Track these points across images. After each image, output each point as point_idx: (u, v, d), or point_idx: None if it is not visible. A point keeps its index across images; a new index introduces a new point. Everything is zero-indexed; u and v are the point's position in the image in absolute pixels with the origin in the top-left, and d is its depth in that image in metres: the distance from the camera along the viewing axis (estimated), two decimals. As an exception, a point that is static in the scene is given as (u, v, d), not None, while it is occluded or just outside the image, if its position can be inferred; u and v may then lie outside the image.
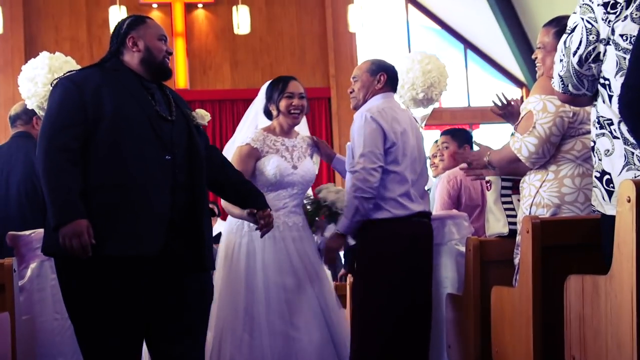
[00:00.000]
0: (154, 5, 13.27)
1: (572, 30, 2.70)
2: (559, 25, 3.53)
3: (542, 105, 3.44)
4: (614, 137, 2.60)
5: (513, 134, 3.60)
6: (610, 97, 2.62)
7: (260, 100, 4.36)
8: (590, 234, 2.89)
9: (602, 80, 2.67)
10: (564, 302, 2.72)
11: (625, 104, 2.47)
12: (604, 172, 2.65)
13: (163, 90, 3.40)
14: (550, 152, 3.43)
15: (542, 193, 3.42)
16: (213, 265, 3.43)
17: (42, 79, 4.76)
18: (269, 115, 4.29)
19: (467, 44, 14.77)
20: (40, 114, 4.56)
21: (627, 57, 2.54)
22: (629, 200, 2.33)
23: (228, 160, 3.77)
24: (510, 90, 14.37)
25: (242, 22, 12.36)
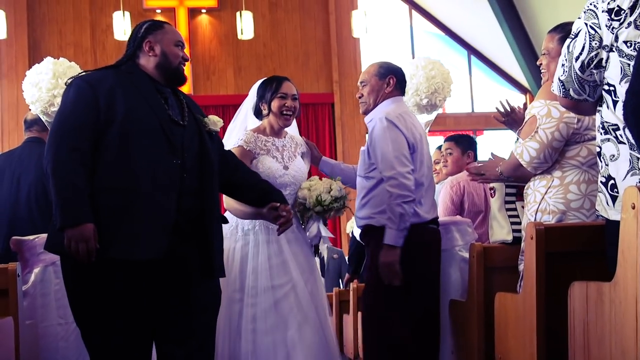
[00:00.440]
0: (158, 11, 13.32)
1: (576, 35, 2.70)
2: (563, 31, 3.54)
3: (546, 111, 3.43)
4: (620, 142, 2.60)
5: (517, 139, 3.60)
6: (615, 102, 2.62)
7: (251, 99, 4.29)
8: (595, 241, 2.89)
9: (606, 87, 2.67)
10: (568, 308, 2.71)
11: (631, 111, 2.46)
12: (609, 177, 2.65)
13: (177, 95, 3.41)
14: (552, 158, 3.42)
15: (547, 199, 3.42)
16: (223, 272, 3.41)
17: (46, 84, 4.77)
18: (258, 114, 4.22)
19: (471, 50, 14.80)
20: (44, 119, 4.58)
21: (631, 63, 2.54)
22: (633, 207, 2.32)
23: (243, 162, 3.76)
24: (514, 96, 14.38)
25: (245, 27, 12.38)
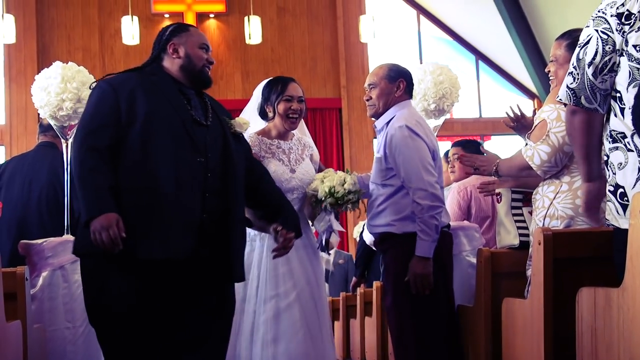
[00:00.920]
0: (166, 15, 13.35)
1: (587, 43, 2.68)
2: (570, 37, 3.54)
3: (556, 114, 3.43)
4: (628, 150, 2.59)
5: (527, 144, 3.59)
6: (622, 109, 2.61)
7: (256, 99, 4.21)
8: (603, 246, 2.88)
9: (613, 93, 2.66)
10: (575, 314, 2.70)
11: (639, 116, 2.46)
12: (618, 186, 2.63)
13: (201, 97, 3.41)
14: (562, 162, 3.41)
15: (555, 204, 3.41)
16: (243, 277, 3.38)
17: (54, 89, 4.77)
18: (264, 115, 4.13)
19: (479, 55, 14.79)
20: (53, 123, 4.58)
21: (640, 67, 2.54)
22: (642, 213, 2.32)
23: (268, 174, 3.70)
24: (522, 102, 14.36)
25: (253, 32, 12.41)
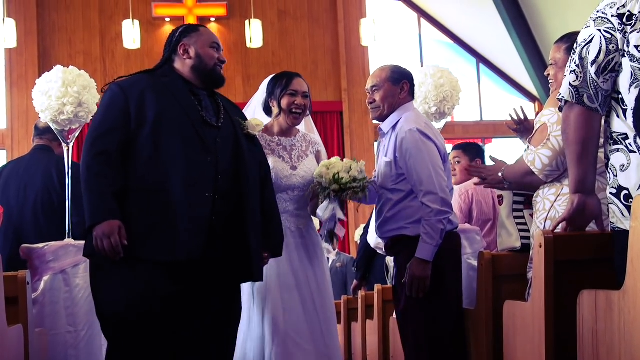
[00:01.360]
0: (167, 19, 13.36)
1: (589, 42, 2.67)
2: (570, 41, 3.53)
3: (557, 118, 3.42)
4: (630, 151, 2.58)
5: (527, 148, 3.59)
6: (624, 111, 2.61)
7: (260, 95, 4.16)
8: (604, 249, 2.88)
9: (614, 95, 2.66)
10: (576, 317, 2.70)
11: None
12: (621, 188, 2.62)
13: (214, 98, 3.42)
14: (564, 165, 3.40)
15: (557, 207, 3.40)
16: (261, 276, 3.39)
17: (55, 93, 4.76)
18: (268, 111, 4.08)
19: (480, 58, 14.79)
20: (54, 127, 4.58)
21: (642, 68, 2.54)
22: (642, 216, 2.32)
23: (272, 185, 3.66)
24: (523, 105, 14.35)
25: (254, 36, 12.43)
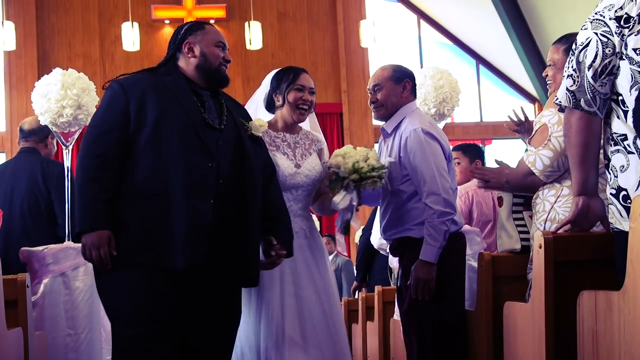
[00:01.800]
0: (167, 22, 13.37)
1: (586, 45, 2.67)
2: (568, 42, 3.53)
3: (557, 119, 3.42)
4: (629, 152, 2.58)
5: (527, 149, 3.58)
6: (625, 112, 2.61)
7: (263, 89, 4.04)
8: (603, 249, 2.88)
9: (614, 97, 2.65)
10: (576, 317, 2.70)
11: None
12: (620, 188, 2.62)
13: (217, 98, 3.35)
14: (565, 166, 3.40)
15: (556, 208, 3.40)
16: (257, 281, 3.35)
17: (55, 95, 4.75)
18: (270, 106, 3.95)
19: (480, 59, 14.80)
20: (53, 129, 4.58)
21: (641, 70, 2.54)
22: (642, 216, 2.32)
23: (277, 181, 3.58)
24: (523, 106, 14.36)
25: (254, 37, 12.43)
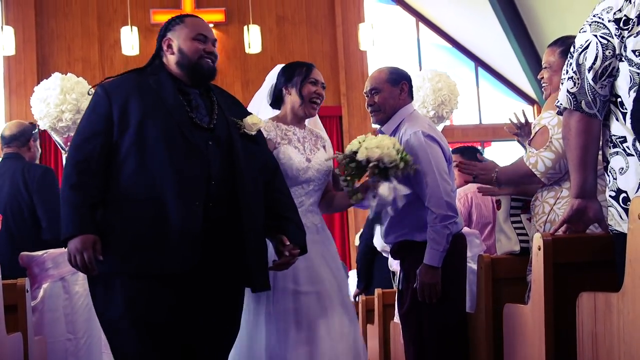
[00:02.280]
0: (166, 26, 13.32)
1: (586, 47, 2.67)
2: (564, 44, 3.54)
3: (557, 121, 3.42)
4: (628, 155, 2.58)
5: (526, 151, 3.58)
6: (624, 114, 2.61)
7: (268, 85, 3.98)
8: (603, 251, 2.88)
9: (613, 99, 2.65)
10: (576, 319, 2.70)
11: (638, 119, 2.46)
12: (620, 191, 2.62)
13: (208, 95, 3.24)
14: (565, 168, 3.39)
15: (556, 210, 3.40)
16: (265, 285, 3.22)
17: (54, 100, 4.77)
18: (277, 100, 3.88)
19: (478, 62, 14.78)
20: (53, 134, 4.59)
21: (640, 72, 2.54)
22: (640, 217, 2.32)
23: (282, 176, 3.47)
24: (522, 108, 14.36)
25: (253, 41, 12.43)
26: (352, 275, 8.42)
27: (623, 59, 2.59)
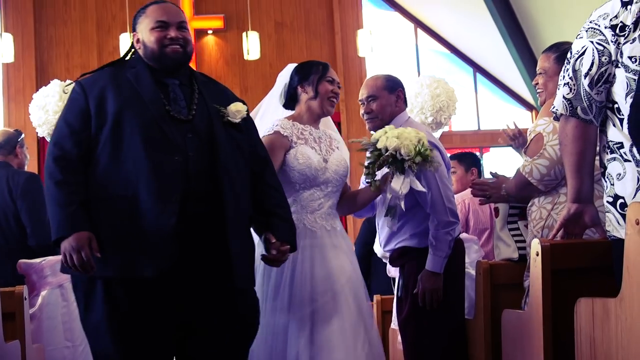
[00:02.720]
0: (164, 33, 13.32)
1: (582, 54, 2.68)
2: (558, 50, 3.56)
3: (552, 127, 3.42)
4: (625, 160, 2.59)
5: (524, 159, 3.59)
6: (621, 120, 2.61)
7: (280, 85, 3.92)
8: (601, 257, 2.88)
9: (610, 105, 2.66)
10: (574, 325, 2.70)
11: (635, 125, 2.46)
12: (617, 197, 2.63)
13: (190, 84, 3.13)
14: (562, 174, 3.40)
15: (553, 215, 3.40)
16: (251, 282, 3.12)
17: (52, 107, 4.77)
18: (291, 99, 3.81)
19: (477, 68, 14.80)
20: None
21: (637, 78, 2.54)
22: (637, 223, 2.32)
23: (273, 169, 3.34)
24: (520, 114, 14.39)
25: (252, 48, 12.43)
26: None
27: (619, 65, 2.60)
